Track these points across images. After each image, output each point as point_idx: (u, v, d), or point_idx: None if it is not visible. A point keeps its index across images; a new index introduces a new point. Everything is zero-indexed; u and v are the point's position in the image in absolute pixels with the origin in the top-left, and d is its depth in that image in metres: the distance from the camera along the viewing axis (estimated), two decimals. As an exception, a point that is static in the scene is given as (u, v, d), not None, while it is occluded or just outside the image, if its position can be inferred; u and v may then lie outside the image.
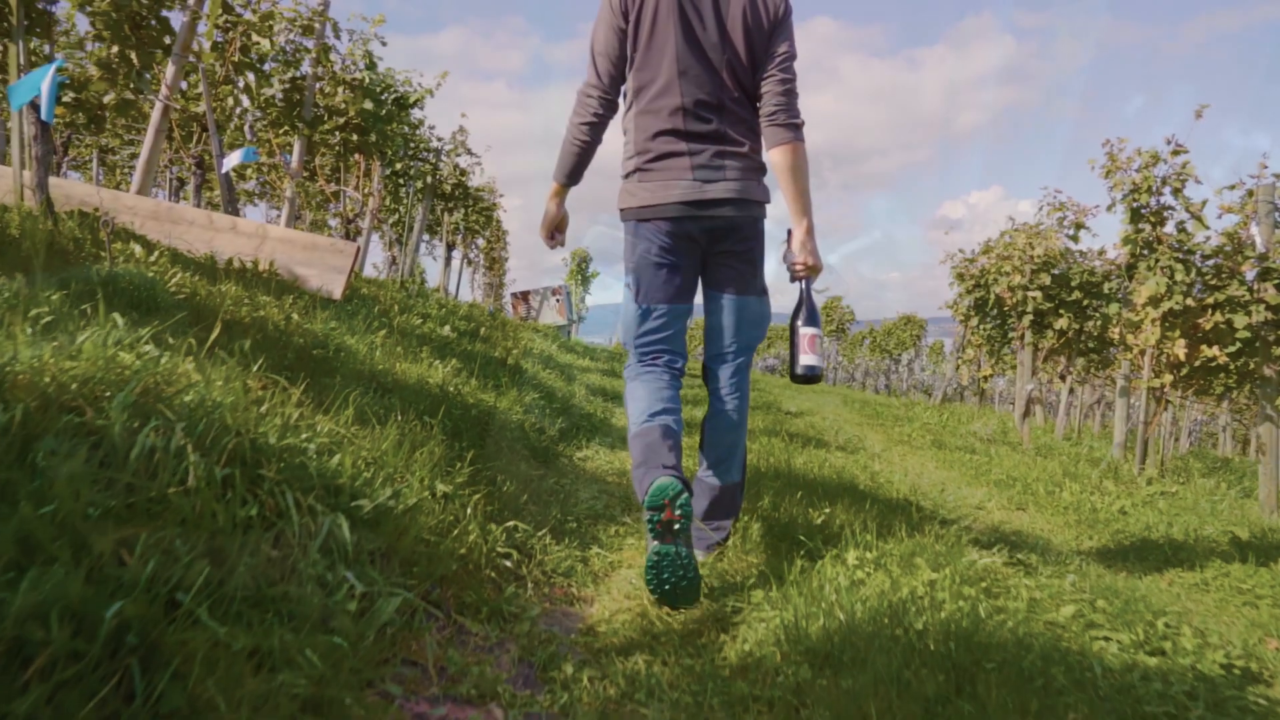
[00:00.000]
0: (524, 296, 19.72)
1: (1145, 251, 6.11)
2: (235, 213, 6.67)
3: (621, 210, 2.40)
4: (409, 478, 2.10)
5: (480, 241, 19.00)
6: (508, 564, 2.15)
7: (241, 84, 7.08)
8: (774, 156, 2.30)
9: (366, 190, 9.75)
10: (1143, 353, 6.40)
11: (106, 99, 6.69)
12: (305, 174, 9.96)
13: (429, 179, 13.50)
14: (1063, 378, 11.07)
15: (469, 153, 13.98)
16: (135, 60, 6.56)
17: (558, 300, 19.31)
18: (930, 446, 6.90)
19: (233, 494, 1.44)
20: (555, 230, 2.55)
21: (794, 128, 2.28)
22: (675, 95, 2.27)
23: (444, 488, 2.19)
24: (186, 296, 3.28)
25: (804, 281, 2.37)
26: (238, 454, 1.53)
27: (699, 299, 2.54)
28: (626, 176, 2.40)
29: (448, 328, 7.02)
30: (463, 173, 13.98)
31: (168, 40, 6.51)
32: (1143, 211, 6.13)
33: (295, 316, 3.94)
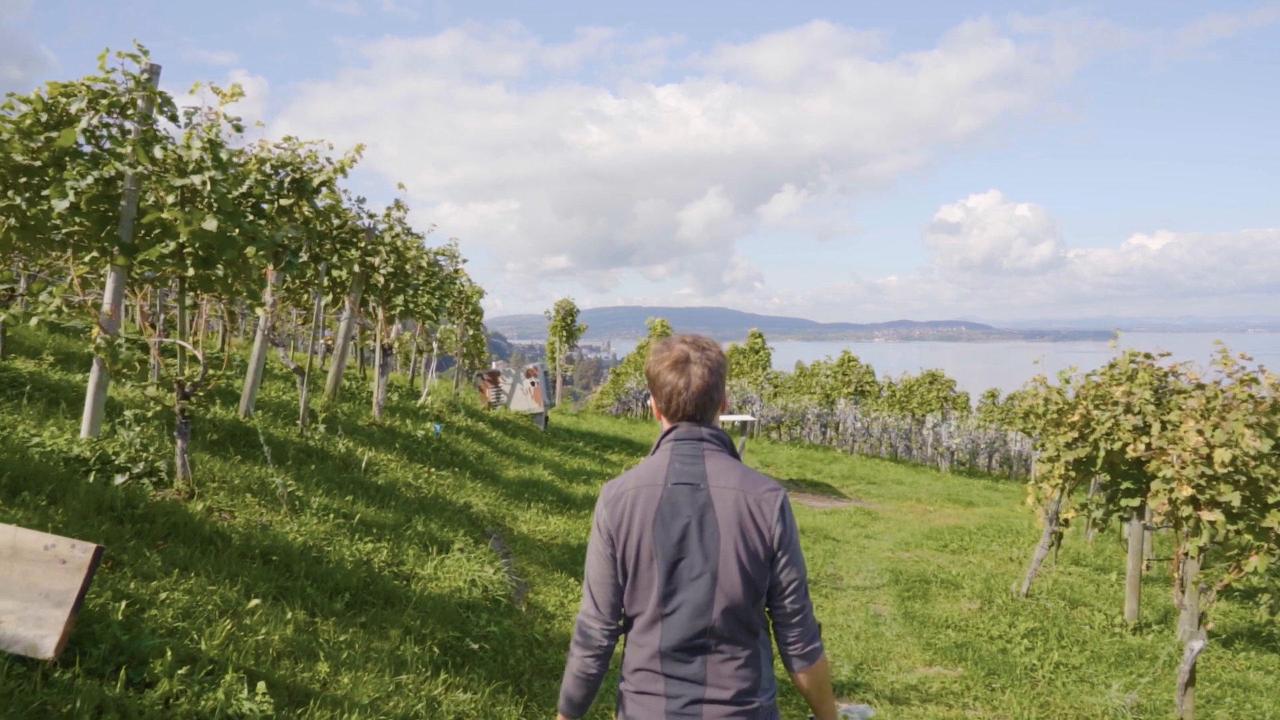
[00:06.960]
0: (492, 378, 16.76)
1: None
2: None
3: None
4: None
5: (446, 327, 16.04)
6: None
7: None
8: (798, 680, 2.19)
9: (253, 316, 6.92)
10: None
11: None
12: (136, 322, 7.04)
13: (356, 267, 10.61)
14: (1206, 589, 8.14)
15: (408, 232, 11.07)
16: None
17: (532, 383, 16.35)
18: None
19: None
20: None
21: (812, 655, 2.16)
22: (655, 636, 2.13)
23: None
24: None
25: None
26: None
27: None
28: (623, 684, 2.24)
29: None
30: (401, 255, 11.00)
31: None
32: None
33: None
